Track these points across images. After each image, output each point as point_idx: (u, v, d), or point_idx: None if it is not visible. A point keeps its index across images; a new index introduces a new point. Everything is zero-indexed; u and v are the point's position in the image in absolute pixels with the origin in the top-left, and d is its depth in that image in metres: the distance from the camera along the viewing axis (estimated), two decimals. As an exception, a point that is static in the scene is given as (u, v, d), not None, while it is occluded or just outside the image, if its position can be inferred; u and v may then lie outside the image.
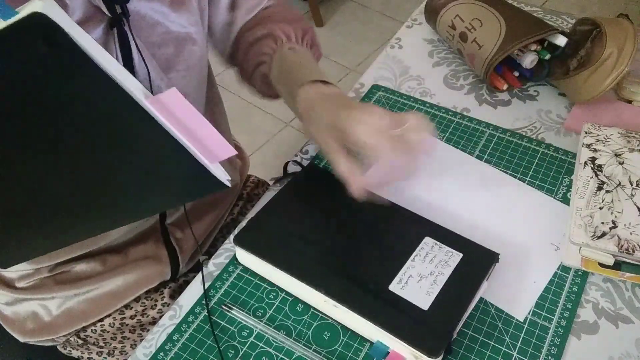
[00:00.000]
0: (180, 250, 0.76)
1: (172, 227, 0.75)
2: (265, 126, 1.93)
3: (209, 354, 0.54)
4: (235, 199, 0.88)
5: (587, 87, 0.73)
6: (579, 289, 0.58)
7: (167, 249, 0.75)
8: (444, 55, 0.88)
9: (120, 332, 0.75)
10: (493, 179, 0.68)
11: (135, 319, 0.74)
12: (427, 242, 0.59)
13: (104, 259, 0.72)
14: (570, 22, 0.91)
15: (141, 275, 0.73)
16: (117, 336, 0.75)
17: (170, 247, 0.75)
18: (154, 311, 0.75)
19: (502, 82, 0.80)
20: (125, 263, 0.73)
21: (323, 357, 0.54)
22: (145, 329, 0.75)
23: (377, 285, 0.55)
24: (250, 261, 0.60)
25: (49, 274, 0.71)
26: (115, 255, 0.72)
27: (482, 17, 0.81)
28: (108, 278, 0.72)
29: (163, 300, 0.75)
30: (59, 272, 0.71)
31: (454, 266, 0.56)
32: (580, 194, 0.61)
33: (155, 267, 0.73)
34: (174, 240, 0.75)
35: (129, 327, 0.75)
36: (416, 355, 0.51)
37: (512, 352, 0.54)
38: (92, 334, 0.74)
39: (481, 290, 0.56)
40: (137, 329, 0.75)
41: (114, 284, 0.72)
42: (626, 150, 0.65)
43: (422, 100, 0.80)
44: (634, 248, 0.56)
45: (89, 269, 0.72)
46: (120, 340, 0.75)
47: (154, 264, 0.73)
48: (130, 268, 0.72)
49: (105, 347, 0.75)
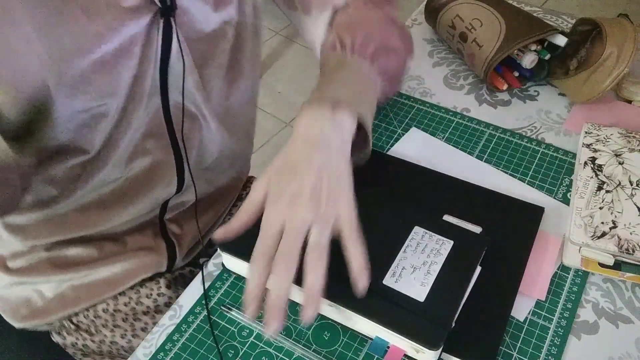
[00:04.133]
0: (178, 244, 0.76)
1: (170, 223, 0.75)
2: (265, 126, 1.93)
3: (209, 354, 0.54)
4: (235, 199, 0.88)
5: (587, 87, 0.73)
6: (579, 289, 0.58)
7: (165, 241, 0.75)
8: (444, 55, 0.88)
9: (113, 319, 0.74)
10: (493, 179, 0.68)
11: (129, 307, 0.74)
12: (417, 231, 0.58)
13: (101, 245, 0.72)
14: (570, 22, 0.91)
15: (137, 264, 0.72)
16: (109, 324, 0.74)
17: (168, 240, 0.75)
18: (149, 300, 0.74)
19: (502, 82, 0.80)
20: (122, 251, 0.72)
21: (323, 357, 0.54)
22: (138, 318, 0.74)
23: (370, 280, 0.54)
24: (239, 266, 0.60)
25: (44, 254, 0.71)
26: (112, 243, 0.72)
27: (482, 17, 0.81)
28: (104, 265, 0.71)
29: (159, 290, 0.75)
30: (55, 254, 0.71)
31: (446, 254, 0.56)
32: (580, 194, 0.61)
33: (151, 257, 0.73)
34: (172, 235, 0.75)
35: (122, 315, 0.74)
36: (416, 348, 0.51)
37: (512, 352, 0.53)
38: (84, 320, 0.74)
39: (475, 275, 0.56)
40: (130, 317, 0.74)
41: (109, 271, 0.72)
42: (626, 150, 0.65)
43: (422, 100, 0.80)
44: (634, 248, 0.56)
45: (85, 254, 0.71)
46: (111, 329, 0.74)
47: (151, 254, 0.73)
48: (126, 257, 0.72)
49: (97, 335, 0.74)
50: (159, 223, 0.74)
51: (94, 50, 0.53)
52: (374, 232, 0.59)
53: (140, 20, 0.55)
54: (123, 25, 0.54)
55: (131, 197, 0.67)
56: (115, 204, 0.67)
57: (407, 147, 0.73)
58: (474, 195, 0.65)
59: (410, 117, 0.77)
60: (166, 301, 0.75)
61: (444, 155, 0.72)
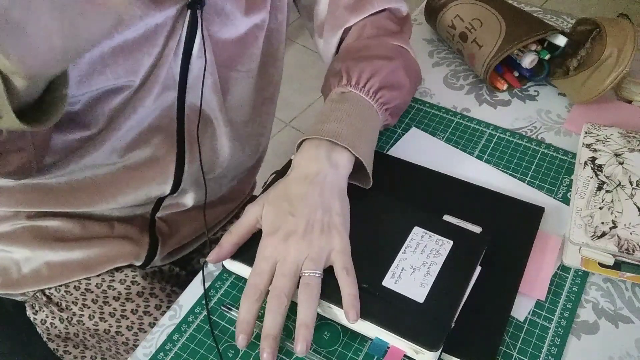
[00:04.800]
0: (162, 243, 0.75)
1: (160, 221, 0.75)
2: (265, 126, 1.92)
3: (209, 354, 0.54)
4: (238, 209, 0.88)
5: (587, 87, 0.73)
6: (579, 289, 0.58)
7: (150, 237, 0.74)
8: (444, 55, 0.88)
9: (83, 298, 0.74)
10: (493, 179, 0.68)
11: (100, 289, 0.74)
12: (416, 232, 0.58)
13: (84, 224, 0.72)
14: (570, 22, 0.91)
15: (116, 251, 0.72)
16: (79, 301, 0.74)
17: (153, 236, 0.75)
18: (121, 286, 0.74)
19: (502, 82, 0.80)
20: (105, 235, 0.72)
21: (323, 357, 0.54)
22: (108, 302, 0.74)
23: (370, 282, 0.54)
24: (239, 268, 0.60)
25: (27, 223, 0.71)
26: (97, 224, 0.72)
27: (482, 17, 0.81)
28: (83, 245, 0.71)
29: (135, 278, 0.75)
30: (36, 224, 0.71)
31: (445, 254, 0.56)
32: (580, 194, 0.61)
33: (131, 247, 0.73)
34: (159, 233, 0.75)
35: (93, 295, 0.73)
36: (416, 349, 0.51)
37: (512, 352, 0.53)
38: (56, 293, 0.74)
39: (475, 275, 0.56)
40: (100, 299, 0.74)
41: (85, 254, 0.72)
42: (626, 150, 0.65)
43: (422, 100, 0.80)
44: (634, 248, 0.56)
45: (67, 229, 0.71)
46: (80, 307, 0.73)
47: (132, 245, 0.73)
48: (107, 242, 0.72)
49: (66, 311, 0.74)
50: (150, 218, 0.74)
51: (114, 36, 0.53)
52: (374, 233, 0.59)
53: (166, 10, 0.56)
54: (147, 14, 0.54)
55: (123, 186, 0.67)
56: (106, 188, 0.67)
57: (407, 147, 0.73)
58: (474, 195, 0.65)
59: (410, 117, 0.77)
60: (139, 290, 0.75)
61: (444, 155, 0.72)
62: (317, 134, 0.61)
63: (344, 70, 0.67)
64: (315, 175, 0.58)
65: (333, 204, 0.57)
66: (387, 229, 0.59)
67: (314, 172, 0.58)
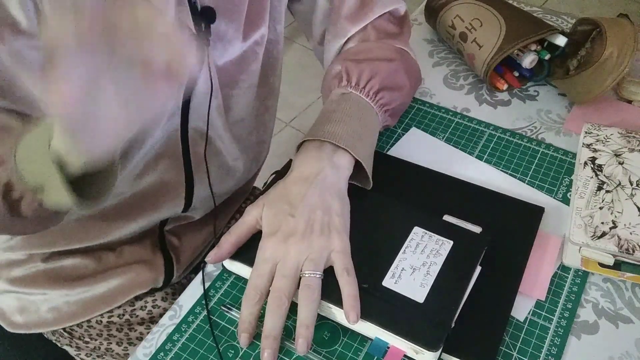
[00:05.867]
0: (176, 260, 0.75)
1: (170, 235, 0.74)
2: (265, 126, 1.92)
3: (209, 354, 0.54)
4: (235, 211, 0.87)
5: (587, 87, 0.73)
6: (579, 289, 0.58)
7: (163, 256, 0.74)
8: (444, 55, 0.88)
9: (107, 330, 0.74)
10: (493, 179, 0.68)
11: (123, 319, 0.74)
12: (416, 232, 0.58)
13: (98, 256, 0.71)
14: (570, 22, 0.91)
15: (134, 279, 0.72)
16: (104, 333, 0.74)
17: (166, 254, 0.74)
18: (143, 312, 0.74)
19: (502, 82, 0.80)
20: (119, 264, 0.72)
21: (323, 357, 0.54)
22: (133, 328, 0.74)
23: (370, 282, 0.54)
24: (239, 268, 0.60)
25: (41, 265, 0.70)
26: (109, 253, 0.72)
27: (482, 17, 0.81)
28: (100, 280, 0.71)
29: (155, 302, 0.75)
30: (51, 266, 0.71)
31: (445, 254, 0.56)
32: (580, 194, 0.61)
33: (149, 273, 0.72)
34: (170, 248, 0.74)
35: (117, 326, 0.74)
36: (416, 349, 0.51)
37: (512, 352, 0.53)
38: (78, 329, 0.74)
39: (475, 275, 0.56)
40: (125, 327, 0.74)
41: (105, 287, 0.71)
42: (626, 150, 0.65)
43: (422, 100, 0.80)
44: (634, 248, 0.56)
45: (83, 266, 0.71)
46: (106, 337, 0.74)
47: (148, 269, 0.72)
48: (123, 270, 0.71)
49: (91, 343, 0.74)
50: (158, 232, 0.74)
51: None
52: (374, 233, 0.59)
53: None
54: None
55: (135, 214, 0.67)
56: (117, 218, 0.67)
57: (407, 147, 0.73)
58: (474, 195, 0.65)
59: (410, 117, 0.77)
60: (161, 312, 0.75)
61: (444, 155, 0.72)
62: (317, 135, 0.61)
63: (344, 71, 0.67)
64: (315, 176, 0.58)
65: (333, 204, 0.57)
66: (387, 229, 0.59)
67: (314, 173, 0.58)
